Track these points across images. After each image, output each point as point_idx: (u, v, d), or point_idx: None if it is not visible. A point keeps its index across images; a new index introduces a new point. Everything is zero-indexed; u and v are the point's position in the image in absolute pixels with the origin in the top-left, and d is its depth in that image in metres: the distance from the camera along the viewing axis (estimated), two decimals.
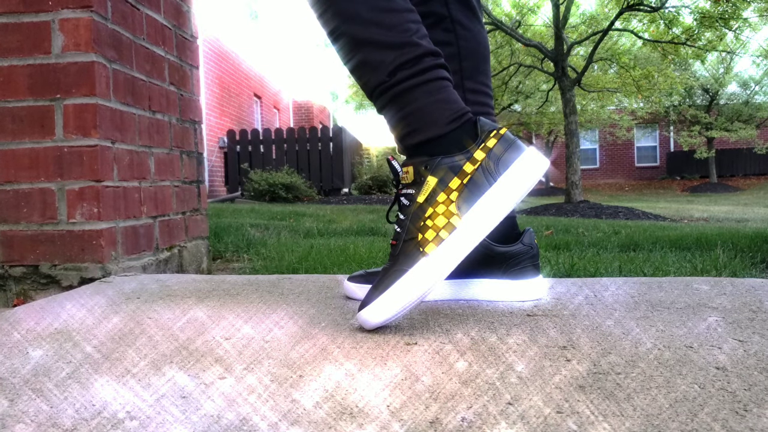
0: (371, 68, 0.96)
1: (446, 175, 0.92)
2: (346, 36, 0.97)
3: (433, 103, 0.95)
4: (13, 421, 0.62)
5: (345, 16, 0.96)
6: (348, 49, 0.98)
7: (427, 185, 0.92)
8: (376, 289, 0.91)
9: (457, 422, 0.59)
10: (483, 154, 0.92)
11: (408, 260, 0.90)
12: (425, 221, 0.91)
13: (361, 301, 0.94)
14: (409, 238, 0.92)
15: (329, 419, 0.61)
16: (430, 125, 0.95)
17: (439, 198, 0.91)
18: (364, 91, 1.01)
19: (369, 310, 0.90)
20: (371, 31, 0.95)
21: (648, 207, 9.68)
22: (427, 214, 0.91)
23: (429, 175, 0.92)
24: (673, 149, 24.02)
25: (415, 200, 0.93)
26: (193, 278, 1.48)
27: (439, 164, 0.92)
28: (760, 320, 0.94)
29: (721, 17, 8.70)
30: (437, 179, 0.92)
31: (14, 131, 1.49)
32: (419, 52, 0.95)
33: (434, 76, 0.96)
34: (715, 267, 2.18)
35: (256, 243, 2.92)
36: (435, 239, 0.89)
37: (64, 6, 1.46)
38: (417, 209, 0.92)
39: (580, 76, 9.74)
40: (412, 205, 0.93)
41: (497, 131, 0.94)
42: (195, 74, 2.09)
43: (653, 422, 0.58)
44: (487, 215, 0.91)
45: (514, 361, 0.77)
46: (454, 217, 0.90)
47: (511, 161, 0.93)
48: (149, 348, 0.87)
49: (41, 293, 1.50)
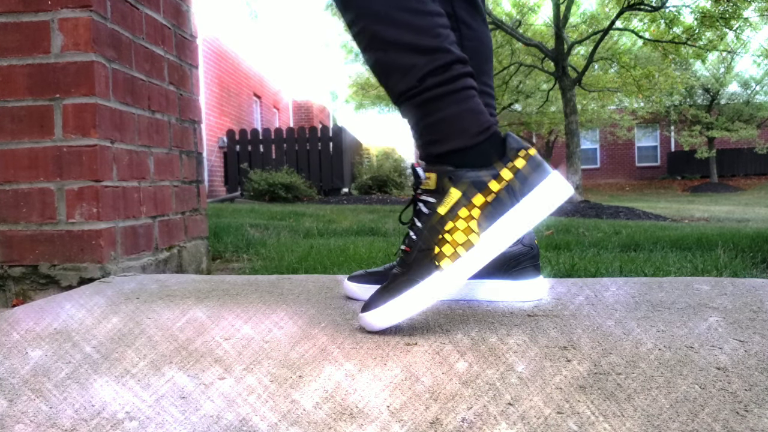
0: (400, 72, 0.94)
1: (470, 189, 0.91)
2: (373, 35, 0.94)
3: (461, 112, 0.93)
4: (12, 421, 0.62)
5: (374, 14, 0.93)
6: (375, 49, 0.95)
7: (450, 197, 0.91)
8: (384, 293, 0.91)
9: (457, 423, 0.59)
10: (510, 174, 0.91)
11: (421, 271, 0.90)
12: (444, 234, 0.90)
13: (365, 302, 0.93)
14: (425, 248, 0.91)
15: (329, 420, 0.60)
16: (458, 135, 0.93)
17: (461, 213, 0.90)
18: (389, 94, 0.99)
19: (375, 314, 0.90)
20: (402, 32, 0.92)
21: (649, 207, 9.68)
22: (447, 227, 0.90)
23: (452, 186, 0.91)
24: (673, 149, 24.02)
25: (436, 210, 0.92)
26: (192, 278, 1.48)
27: (463, 177, 0.91)
28: (761, 320, 0.94)
29: (722, 17, 8.69)
30: (461, 193, 0.91)
31: (13, 131, 1.48)
32: (450, 59, 0.93)
33: (463, 84, 0.94)
34: (715, 267, 2.17)
35: (256, 243, 2.92)
36: (452, 255, 0.89)
37: (63, 5, 1.46)
38: (437, 221, 0.91)
39: (580, 76, 9.74)
40: (433, 216, 0.92)
41: (526, 151, 0.93)
42: (194, 74, 2.09)
43: (654, 422, 0.57)
44: (505, 235, 0.90)
45: (515, 362, 0.77)
46: (473, 234, 0.89)
47: (536, 183, 0.91)
48: (148, 348, 0.87)
49: (40, 293, 1.49)
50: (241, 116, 14.28)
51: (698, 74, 19.99)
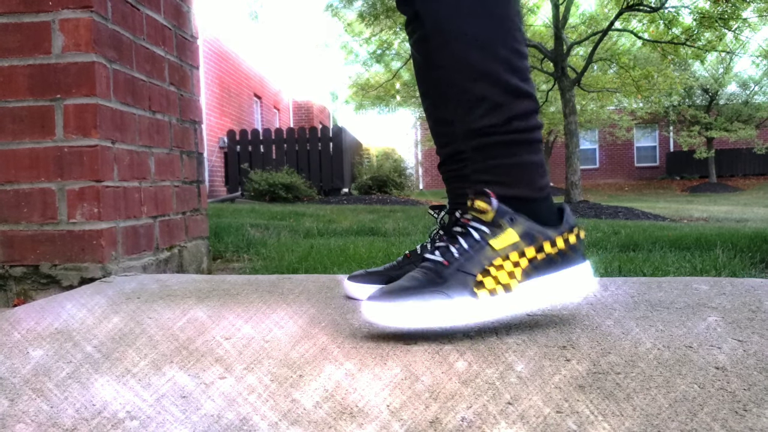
0: (488, 107, 0.93)
1: (525, 239, 0.91)
2: (467, 62, 0.93)
3: (533, 163, 0.95)
4: (13, 420, 0.62)
5: (474, 40, 0.92)
6: (465, 76, 0.94)
7: (506, 236, 0.91)
8: (405, 292, 0.87)
9: (456, 422, 0.59)
10: (562, 245, 0.94)
11: (458, 289, 0.87)
12: (491, 268, 0.89)
13: (379, 292, 0.88)
14: (469, 272, 0.89)
15: (329, 419, 0.61)
16: (525, 185, 0.94)
17: (512, 256, 0.90)
18: (463, 122, 0.97)
19: (390, 308, 0.85)
20: (500, 68, 0.92)
21: (647, 207, 9.69)
22: (496, 262, 0.89)
23: (510, 228, 0.91)
24: (672, 149, 24.02)
25: (489, 242, 0.90)
26: (193, 278, 1.48)
27: (522, 225, 0.91)
28: (760, 320, 0.95)
29: (721, 17, 8.70)
30: (518, 238, 0.91)
31: (14, 131, 1.49)
32: (534, 107, 0.95)
33: (538, 137, 0.96)
34: (714, 267, 2.18)
35: (256, 243, 2.92)
36: (491, 290, 0.88)
37: (64, 6, 1.46)
38: (489, 252, 0.90)
39: (579, 76, 9.75)
40: (485, 246, 0.90)
41: (579, 230, 0.97)
42: (195, 74, 2.09)
43: (653, 422, 0.58)
44: (538, 296, 0.91)
45: (514, 361, 0.77)
46: (514, 280, 0.89)
47: (574, 264, 0.95)
48: (149, 348, 0.87)
49: (41, 293, 1.50)
50: (241, 116, 14.28)
51: (697, 75, 19.99)
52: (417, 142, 23.86)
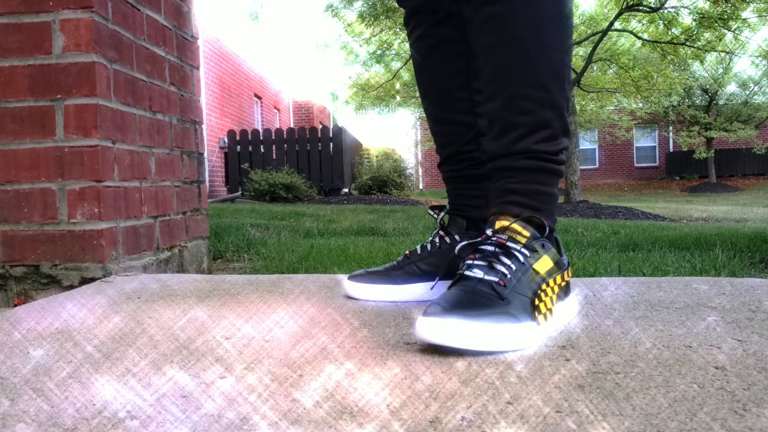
0: (548, 135, 0.95)
1: (556, 265, 0.93)
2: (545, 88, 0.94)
3: (556, 195, 0.99)
4: (14, 420, 0.62)
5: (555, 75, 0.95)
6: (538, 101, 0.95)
7: (545, 261, 0.91)
8: (474, 310, 0.79)
9: (456, 421, 0.59)
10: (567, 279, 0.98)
11: (524, 314, 0.83)
12: (541, 291, 0.89)
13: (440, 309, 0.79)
14: (525, 295, 0.86)
15: (329, 418, 0.61)
16: (549, 214, 0.97)
17: (550, 281, 0.92)
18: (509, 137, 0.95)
19: (457, 328, 0.76)
20: (564, 105, 0.96)
21: (647, 207, 9.69)
22: (543, 287, 0.90)
23: (545, 254, 0.92)
24: (672, 149, 24.02)
25: (532, 266, 0.90)
26: (193, 278, 1.49)
27: (552, 252, 0.94)
28: (759, 320, 0.95)
29: (720, 18, 8.70)
30: (552, 264, 0.92)
31: (15, 131, 1.49)
32: (568, 143, 0.99)
33: (563, 171, 1.00)
34: (714, 267, 2.18)
35: (257, 243, 2.92)
36: (545, 313, 0.88)
37: (64, 6, 1.46)
38: (535, 276, 0.90)
39: (579, 77, 9.74)
40: (529, 269, 0.89)
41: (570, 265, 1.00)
42: (195, 74, 2.09)
43: (652, 422, 0.58)
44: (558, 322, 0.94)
45: (514, 361, 0.77)
46: (553, 306, 0.92)
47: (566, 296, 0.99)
48: (150, 347, 0.87)
49: (42, 293, 1.50)
50: (241, 117, 14.28)
51: (696, 75, 19.98)
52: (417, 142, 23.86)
